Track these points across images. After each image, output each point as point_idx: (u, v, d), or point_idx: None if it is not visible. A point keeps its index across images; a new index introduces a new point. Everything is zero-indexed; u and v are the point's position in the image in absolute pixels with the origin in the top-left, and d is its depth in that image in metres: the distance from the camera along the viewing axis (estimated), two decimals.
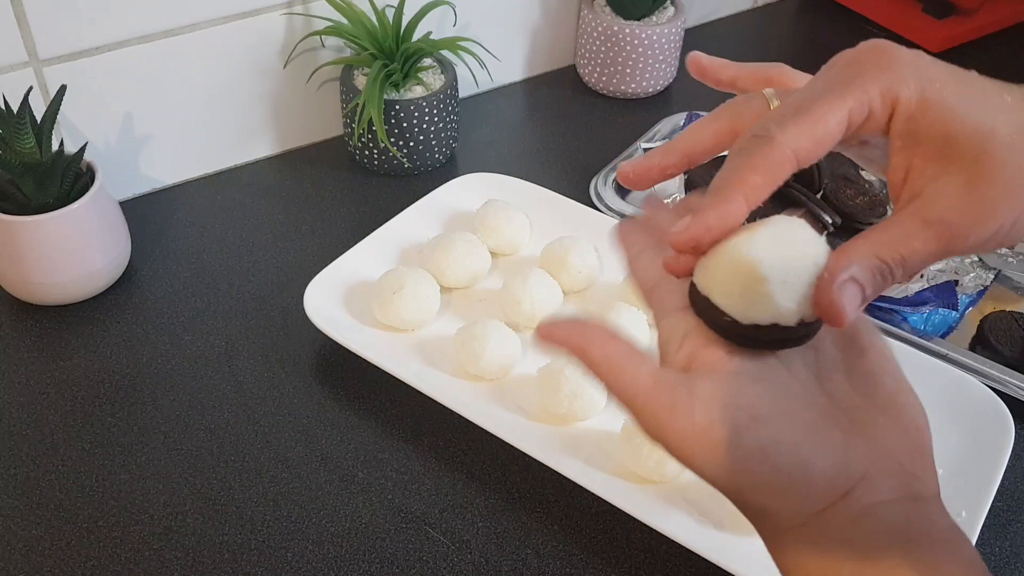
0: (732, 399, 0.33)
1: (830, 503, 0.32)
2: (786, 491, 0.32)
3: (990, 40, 1.10)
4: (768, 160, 0.33)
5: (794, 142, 0.33)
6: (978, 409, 0.65)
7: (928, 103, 0.33)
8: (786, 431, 0.33)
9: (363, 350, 0.67)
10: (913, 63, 0.33)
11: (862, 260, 0.33)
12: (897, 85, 0.33)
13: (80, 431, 0.65)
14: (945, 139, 0.33)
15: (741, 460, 0.32)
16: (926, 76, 0.33)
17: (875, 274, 0.33)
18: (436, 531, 0.60)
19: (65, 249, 0.69)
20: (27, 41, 0.73)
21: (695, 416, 0.33)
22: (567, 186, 0.85)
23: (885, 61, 0.33)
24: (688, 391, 0.33)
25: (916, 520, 0.32)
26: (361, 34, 0.83)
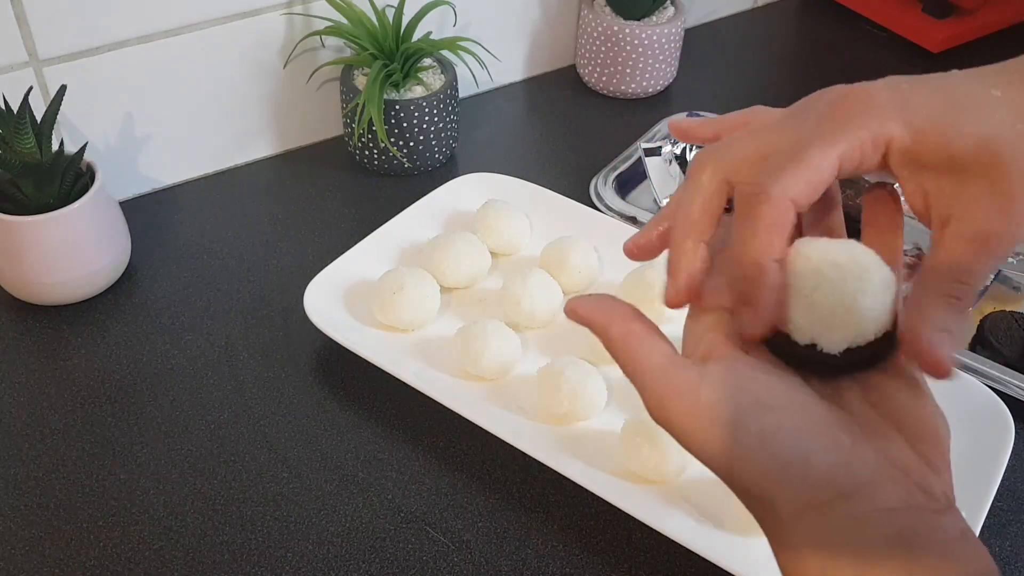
0: (741, 383, 0.33)
1: (829, 500, 0.32)
2: (783, 480, 0.32)
3: (990, 40, 1.10)
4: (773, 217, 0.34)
5: (791, 191, 0.34)
6: (978, 409, 0.65)
7: (921, 132, 0.34)
8: (790, 420, 0.33)
9: (363, 350, 0.67)
10: (892, 99, 0.34)
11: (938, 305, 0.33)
12: (885, 128, 0.34)
13: (80, 431, 0.65)
14: (950, 159, 0.33)
15: (741, 443, 0.32)
16: (910, 107, 0.34)
17: (951, 312, 0.33)
18: (436, 531, 0.60)
19: (65, 249, 0.69)
20: (27, 41, 0.73)
21: (701, 395, 0.33)
22: (567, 186, 0.85)
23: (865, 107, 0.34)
24: (698, 373, 0.34)
25: (921, 530, 0.32)
26: (361, 34, 0.83)
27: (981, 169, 0.33)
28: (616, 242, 0.68)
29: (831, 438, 0.33)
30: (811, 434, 0.33)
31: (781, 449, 0.32)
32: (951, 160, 0.33)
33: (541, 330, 0.71)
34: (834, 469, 0.32)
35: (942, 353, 0.33)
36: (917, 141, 0.34)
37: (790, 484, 0.32)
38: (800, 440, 0.32)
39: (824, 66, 1.08)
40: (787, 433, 0.32)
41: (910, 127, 0.34)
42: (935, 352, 0.33)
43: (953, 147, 0.33)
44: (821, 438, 0.33)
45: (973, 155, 0.33)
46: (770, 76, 1.08)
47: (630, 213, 0.82)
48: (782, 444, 0.32)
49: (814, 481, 0.32)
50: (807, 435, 0.33)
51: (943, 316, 0.33)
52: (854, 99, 0.35)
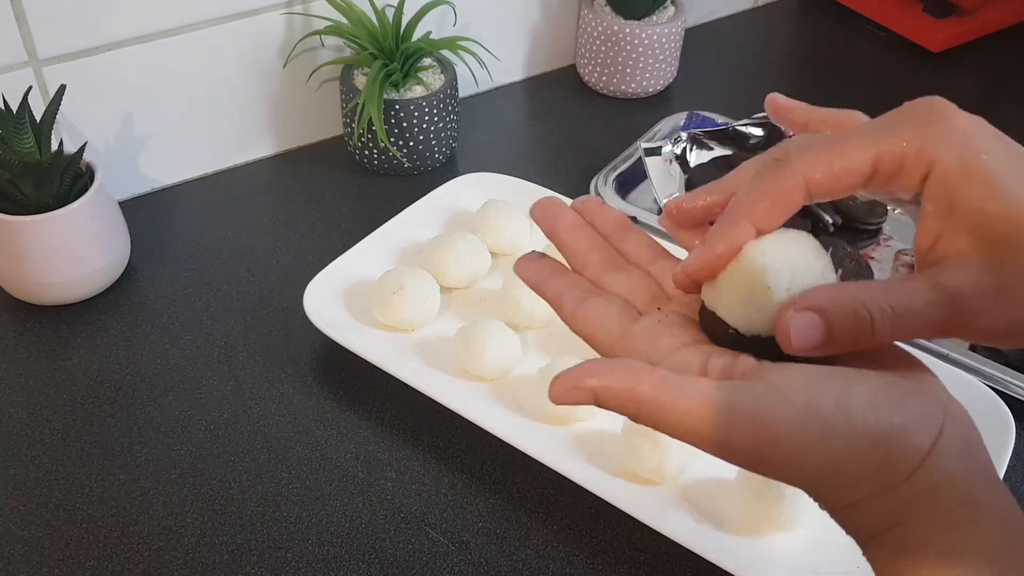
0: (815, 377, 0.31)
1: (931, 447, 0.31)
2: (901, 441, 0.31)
3: (990, 40, 1.10)
4: (779, 186, 0.33)
5: (808, 171, 0.32)
6: (978, 409, 0.64)
7: (971, 173, 0.31)
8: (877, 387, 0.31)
9: (363, 350, 0.67)
10: (966, 127, 0.32)
11: (841, 297, 0.32)
12: (937, 146, 0.32)
13: (80, 431, 0.65)
14: (982, 215, 0.31)
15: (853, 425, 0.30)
16: (975, 145, 0.32)
17: (848, 315, 0.31)
18: (436, 531, 0.60)
19: (65, 249, 0.69)
20: (27, 41, 0.73)
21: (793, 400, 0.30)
22: (567, 186, 0.85)
23: (933, 118, 0.32)
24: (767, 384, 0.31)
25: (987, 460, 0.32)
26: (361, 34, 0.83)
27: (1002, 244, 0.31)
28: None
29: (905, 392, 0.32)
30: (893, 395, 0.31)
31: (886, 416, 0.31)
32: (981, 216, 0.31)
33: (541, 330, 0.71)
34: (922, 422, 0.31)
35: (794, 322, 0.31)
36: (961, 179, 0.31)
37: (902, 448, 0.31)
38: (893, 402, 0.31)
39: (824, 66, 1.08)
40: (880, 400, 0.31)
41: (962, 162, 0.31)
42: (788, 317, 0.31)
43: (991, 205, 0.31)
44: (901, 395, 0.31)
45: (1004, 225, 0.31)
46: (770, 76, 1.08)
47: (630, 213, 0.82)
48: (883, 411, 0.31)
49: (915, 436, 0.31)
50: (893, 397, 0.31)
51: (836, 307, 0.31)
52: (928, 108, 0.33)
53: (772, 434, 0.30)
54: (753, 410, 0.30)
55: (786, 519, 0.57)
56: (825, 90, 1.03)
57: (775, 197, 0.33)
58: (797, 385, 0.31)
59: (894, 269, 0.78)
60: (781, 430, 0.30)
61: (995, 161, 0.32)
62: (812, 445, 0.30)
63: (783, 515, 0.57)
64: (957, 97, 0.34)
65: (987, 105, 0.34)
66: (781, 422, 0.30)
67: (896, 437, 0.31)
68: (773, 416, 0.30)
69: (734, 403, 0.31)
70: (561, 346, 0.70)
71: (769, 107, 0.41)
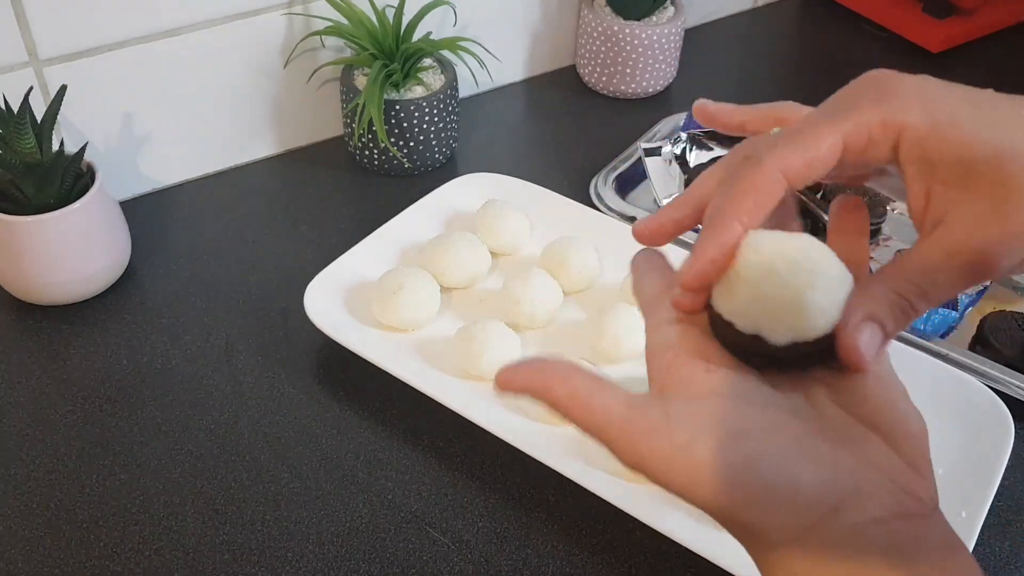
0: (712, 416, 0.32)
1: (819, 518, 0.31)
2: (774, 506, 0.31)
3: (990, 40, 1.10)
4: (758, 182, 0.33)
5: (782, 163, 0.33)
6: (978, 409, 0.65)
7: (939, 126, 0.32)
8: (771, 443, 0.32)
9: (363, 350, 0.67)
10: (918, 88, 0.33)
11: (880, 298, 0.32)
12: (900, 112, 0.32)
13: (80, 431, 0.65)
14: (962, 162, 0.32)
15: (726, 476, 0.31)
16: (933, 99, 0.32)
17: (894, 310, 0.32)
18: (436, 531, 0.60)
19: (65, 249, 0.69)
20: (27, 41, 0.73)
21: (674, 436, 0.31)
22: (567, 186, 0.85)
23: (886, 89, 0.33)
24: (663, 412, 0.32)
25: (912, 539, 0.32)
26: (361, 34, 0.83)
27: (990, 185, 0.31)
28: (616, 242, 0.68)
29: (812, 452, 0.32)
30: (792, 453, 0.31)
31: (766, 475, 0.31)
32: (962, 164, 0.32)
33: (541, 330, 0.71)
34: (821, 486, 0.31)
35: (860, 341, 0.32)
36: (932, 134, 0.32)
37: (780, 509, 0.31)
38: (783, 461, 0.31)
39: (824, 66, 1.08)
40: (769, 457, 0.31)
41: (929, 118, 0.32)
42: (853, 337, 0.32)
43: (967, 150, 0.32)
44: (803, 455, 0.32)
45: (985, 166, 0.31)
46: (770, 76, 1.08)
47: (630, 213, 0.82)
48: (766, 469, 0.31)
49: (803, 502, 0.31)
50: (788, 455, 0.31)
51: (884, 309, 0.32)
52: (875, 81, 0.33)
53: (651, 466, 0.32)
54: (636, 436, 0.32)
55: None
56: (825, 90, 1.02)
57: (757, 193, 0.33)
58: (688, 421, 0.32)
59: None
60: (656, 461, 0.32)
61: (957, 109, 0.32)
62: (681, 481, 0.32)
63: None
64: None
65: None
66: (655, 454, 0.32)
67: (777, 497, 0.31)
68: (649, 447, 0.32)
69: (624, 425, 0.32)
70: (561, 346, 0.70)
71: (699, 115, 0.42)
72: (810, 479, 0.31)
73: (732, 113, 0.41)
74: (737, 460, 0.31)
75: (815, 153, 0.33)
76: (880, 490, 0.32)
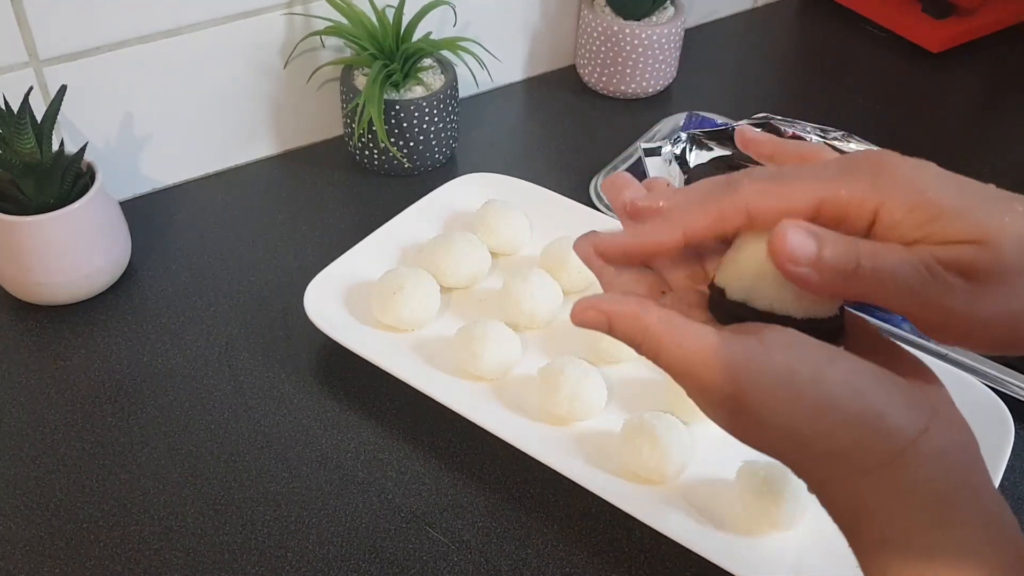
0: (804, 342, 0.33)
1: (911, 441, 0.32)
2: (874, 425, 0.32)
3: (990, 40, 1.10)
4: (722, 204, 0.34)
5: (753, 200, 0.34)
6: (978, 409, 0.65)
7: (917, 208, 0.32)
8: (860, 369, 0.32)
9: (363, 350, 0.67)
10: (912, 174, 0.33)
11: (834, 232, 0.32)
12: (880, 193, 0.33)
13: (80, 431, 0.65)
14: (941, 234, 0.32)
15: (827, 395, 0.32)
16: (920, 187, 0.33)
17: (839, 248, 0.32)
18: (436, 531, 0.60)
19: (65, 249, 0.69)
20: (27, 41, 0.73)
21: (774, 358, 0.32)
22: (567, 186, 0.85)
23: (880, 170, 0.33)
24: (758, 338, 0.33)
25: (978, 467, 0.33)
26: (361, 34, 0.83)
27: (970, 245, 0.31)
28: None
29: (894, 380, 0.33)
30: (881, 378, 0.32)
31: (864, 396, 0.32)
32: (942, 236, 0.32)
33: (541, 330, 0.71)
34: (911, 410, 0.32)
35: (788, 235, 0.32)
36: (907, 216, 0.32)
37: (876, 432, 0.32)
38: (875, 384, 0.32)
39: (824, 66, 1.08)
40: (863, 379, 0.32)
41: (907, 202, 0.32)
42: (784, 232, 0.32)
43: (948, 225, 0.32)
44: (889, 381, 0.33)
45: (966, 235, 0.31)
46: (770, 76, 1.08)
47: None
48: (864, 391, 0.32)
49: (897, 424, 0.32)
50: (880, 379, 0.32)
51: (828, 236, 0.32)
52: (874, 160, 0.34)
53: (748, 386, 0.32)
54: (736, 359, 0.32)
55: (786, 519, 0.57)
56: (824, 90, 1.03)
57: (716, 214, 0.34)
58: (784, 347, 0.32)
59: None
60: (756, 384, 0.32)
61: (940, 193, 0.32)
62: (782, 406, 0.32)
63: (783, 515, 0.57)
64: (956, 97, 0.34)
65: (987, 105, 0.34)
66: (758, 375, 0.32)
67: (870, 422, 0.32)
68: (753, 368, 0.32)
69: (722, 349, 0.32)
70: (561, 346, 0.70)
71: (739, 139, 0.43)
72: (901, 400, 0.32)
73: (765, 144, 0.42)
74: (838, 380, 0.32)
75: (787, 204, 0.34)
76: (950, 417, 0.33)
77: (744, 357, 0.32)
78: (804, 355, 0.32)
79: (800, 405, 0.32)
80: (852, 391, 0.32)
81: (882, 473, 0.32)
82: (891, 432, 0.32)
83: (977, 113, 0.98)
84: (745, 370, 0.32)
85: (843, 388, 0.32)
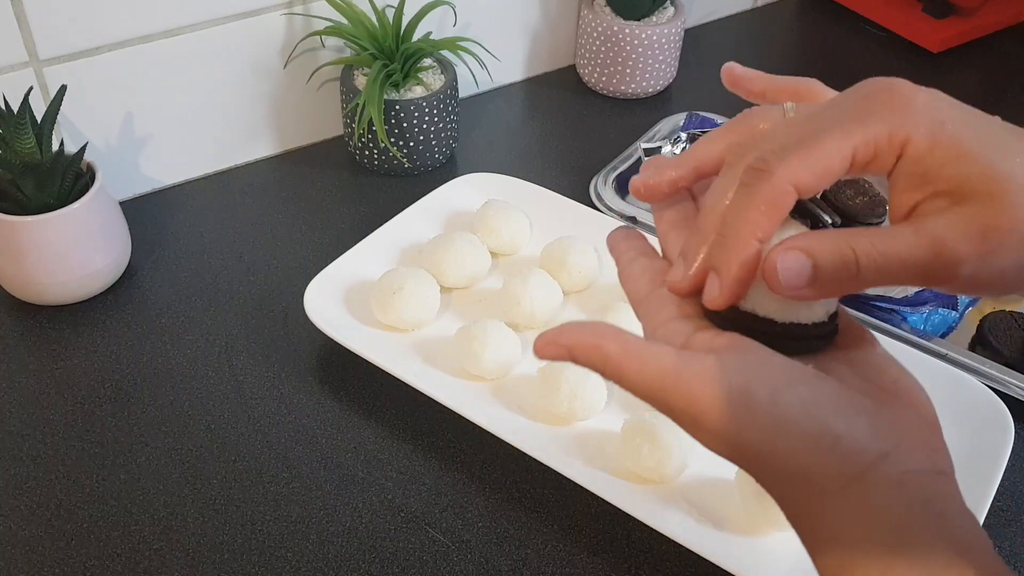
0: (763, 363, 0.33)
1: (868, 465, 0.32)
2: (828, 450, 0.32)
3: (990, 40, 1.10)
4: (769, 196, 0.33)
5: (794, 176, 0.33)
6: (978, 409, 0.65)
7: (938, 144, 0.32)
8: (822, 390, 0.32)
9: (363, 350, 0.67)
10: (928, 105, 0.33)
11: (826, 238, 0.32)
12: (907, 128, 0.33)
13: (80, 431, 0.65)
14: (956, 179, 0.32)
15: (782, 418, 0.31)
16: (939, 119, 0.33)
17: (835, 255, 0.32)
18: (436, 531, 0.60)
19: (65, 249, 0.69)
20: (27, 41, 0.73)
21: (730, 380, 0.32)
22: (567, 186, 0.85)
23: (898, 101, 0.33)
24: (717, 360, 0.33)
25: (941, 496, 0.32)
26: (361, 34, 0.83)
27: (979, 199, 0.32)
28: None
29: (858, 402, 0.33)
30: (843, 400, 0.32)
31: (821, 419, 0.32)
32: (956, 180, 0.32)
33: (541, 330, 0.71)
34: (871, 432, 0.32)
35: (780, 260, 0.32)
36: (933, 152, 0.32)
37: (833, 454, 0.32)
38: (836, 407, 0.32)
39: (824, 66, 1.08)
40: (823, 402, 0.32)
41: (932, 136, 0.32)
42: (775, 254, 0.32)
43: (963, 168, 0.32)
44: (851, 403, 0.32)
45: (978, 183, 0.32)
46: None
47: (630, 213, 0.82)
48: (822, 414, 0.32)
49: (855, 447, 0.32)
50: (840, 401, 0.32)
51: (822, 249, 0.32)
52: (887, 92, 0.34)
53: (705, 406, 0.32)
54: (693, 381, 0.32)
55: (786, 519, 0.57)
56: None
57: (769, 208, 0.34)
58: (742, 368, 0.32)
59: None
60: (712, 405, 0.32)
61: (958, 128, 0.32)
62: (738, 427, 0.32)
63: (783, 515, 0.57)
64: (956, 97, 0.34)
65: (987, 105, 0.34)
66: (714, 398, 0.32)
67: (825, 444, 0.32)
68: (709, 390, 0.32)
69: (680, 372, 0.32)
70: None
71: (726, 76, 0.42)
72: (862, 424, 0.32)
73: (755, 80, 0.41)
74: (794, 403, 0.32)
75: (825, 164, 0.33)
76: (918, 443, 0.33)
77: (701, 379, 0.32)
78: (761, 376, 0.32)
79: (755, 427, 0.32)
80: (808, 414, 0.32)
81: (839, 496, 0.32)
82: (847, 456, 0.32)
83: None
84: (702, 392, 0.32)
85: (799, 410, 0.32)
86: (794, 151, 0.33)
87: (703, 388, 0.32)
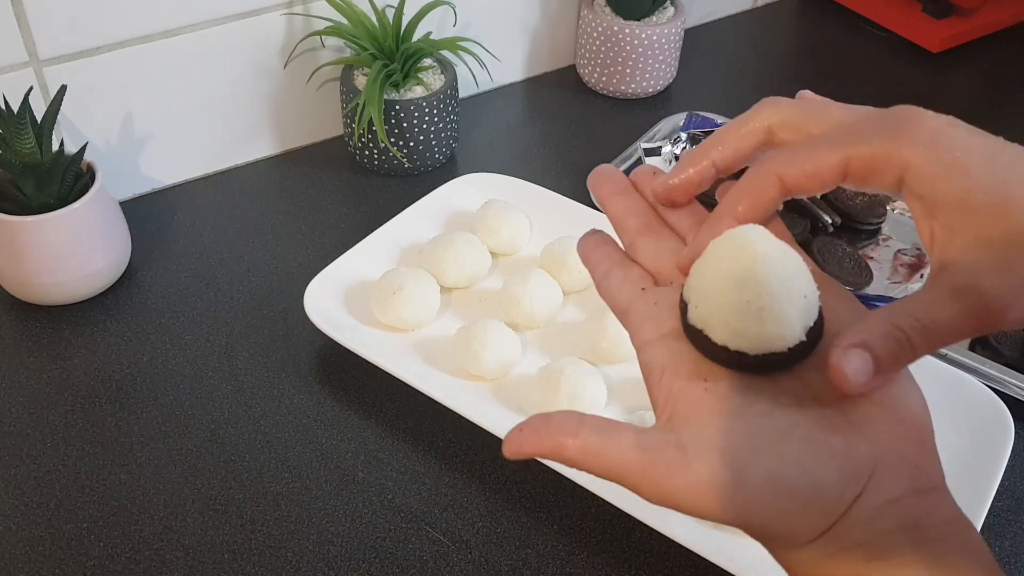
0: (724, 441, 0.33)
1: (843, 512, 0.32)
2: (801, 512, 0.32)
3: (990, 40, 1.10)
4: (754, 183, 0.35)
5: (781, 169, 0.35)
6: (978, 409, 0.65)
7: (946, 169, 0.32)
8: (786, 453, 0.32)
9: (363, 350, 0.67)
10: (936, 129, 0.33)
11: (876, 327, 0.32)
12: (906, 148, 0.33)
13: (80, 431, 0.65)
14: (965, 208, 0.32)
15: (751, 495, 0.32)
16: (947, 143, 0.33)
17: (888, 341, 0.32)
18: (436, 531, 0.60)
19: (65, 249, 0.69)
20: (27, 41, 0.73)
21: (693, 469, 0.32)
22: (567, 186, 0.85)
23: (906, 125, 0.34)
24: (678, 447, 0.33)
25: (924, 515, 0.32)
26: (361, 34, 0.83)
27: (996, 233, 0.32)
28: None
29: (827, 450, 0.32)
30: (808, 456, 0.32)
31: (789, 485, 0.32)
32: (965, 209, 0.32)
33: (541, 330, 0.71)
34: (842, 482, 0.32)
35: (844, 364, 0.32)
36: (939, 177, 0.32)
37: (807, 514, 0.32)
38: (802, 468, 0.32)
39: (824, 66, 1.08)
40: (788, 467, 0.32)
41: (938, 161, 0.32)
42: (837, 361, 0.32)
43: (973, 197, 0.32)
44: (818, 456, 0.32)
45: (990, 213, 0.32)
46: (770, 76, 1.08)
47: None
48: (788, 479, 0.32)
49: (828, 501, 0.32)
50: (805, 460, 0.32)
51: (875, 338, 0.32)
52: (898, 114, 0.34)
53: (671, 494, 0.33)
54: (658, 474, 0.33)
55: None
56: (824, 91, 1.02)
57: (751, 194, 0.35)
58: (707, 450, 0.32)
59: (893, 269, 0.79)
60: (678, 493, 0.32)
61: (969, 155, 0.33)
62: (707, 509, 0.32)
63: None
64: (956, 97, 0.34)
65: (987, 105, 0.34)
66: (678, 489, 0.32)
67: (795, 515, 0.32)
68: (674, 482, 0.32)
69: (644, 467, 0.33)
70: (561, 346, 0.70)
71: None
72: (831, 478, 0.32)
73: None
74: (759, 478, 0.32)
75: (815, 165, 0.34)
76: (894, 468, 0.33)
77: (665, 473, 0.32)
78: (725, 458, 0.32)
79: (725, 508, 0.32)
80: (775, 490, 0.32)
81: (817, 544, 0.32)
82: (820, 514, 0.32)
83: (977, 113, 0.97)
84: (667, 485, 0.32)
85: (766, 488, 0.32)
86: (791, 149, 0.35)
87: (667, 481, 0.32)
